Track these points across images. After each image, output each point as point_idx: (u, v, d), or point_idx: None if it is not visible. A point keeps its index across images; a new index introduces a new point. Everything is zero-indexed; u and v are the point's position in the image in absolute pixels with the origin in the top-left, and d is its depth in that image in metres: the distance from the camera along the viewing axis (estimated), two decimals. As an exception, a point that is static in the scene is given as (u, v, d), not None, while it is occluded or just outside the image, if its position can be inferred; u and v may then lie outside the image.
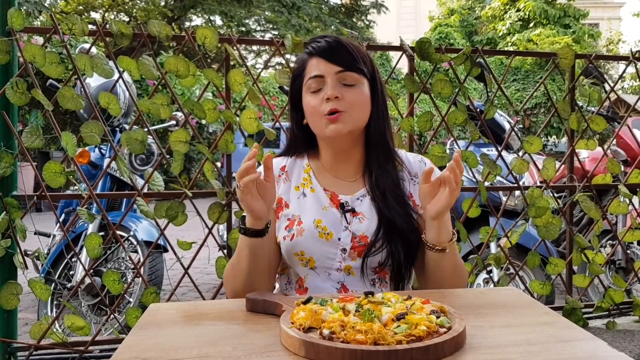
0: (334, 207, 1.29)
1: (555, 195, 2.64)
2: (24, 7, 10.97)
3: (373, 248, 1.23)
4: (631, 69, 2.74)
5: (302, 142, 1.36)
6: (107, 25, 2.13)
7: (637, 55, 2.73)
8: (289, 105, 1.36)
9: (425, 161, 1.36)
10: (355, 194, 1.30)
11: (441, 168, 1.38)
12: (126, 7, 15.64)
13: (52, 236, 3.39)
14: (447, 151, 2.58)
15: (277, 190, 1.32)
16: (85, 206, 2.18)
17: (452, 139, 2.71)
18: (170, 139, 2.15)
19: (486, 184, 2.50)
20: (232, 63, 2.29)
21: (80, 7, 15.02)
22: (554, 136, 14.10)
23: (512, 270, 2.64)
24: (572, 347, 0.82)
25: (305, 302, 0.92)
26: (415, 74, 2.45)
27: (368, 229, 1.26)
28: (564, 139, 11.72)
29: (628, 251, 3.02)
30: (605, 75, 2.80)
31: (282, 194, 1.33)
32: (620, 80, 2.86)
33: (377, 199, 1.27)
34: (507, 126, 3.16)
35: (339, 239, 1.25)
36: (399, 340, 0.77)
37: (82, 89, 2.18)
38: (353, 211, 1.28)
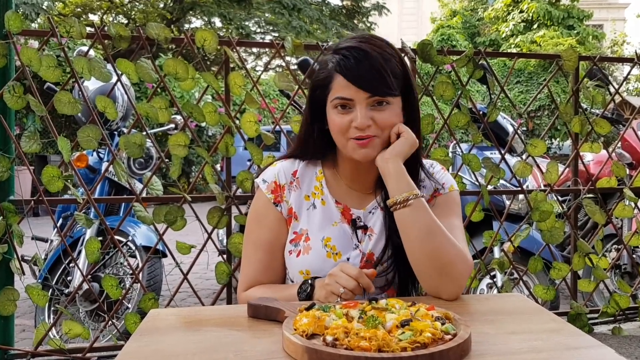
0: (345, 223, 1.24)
1: (560, 199, 2.64)
2: (21, 10, 11.00)
3: (380, 267, 1.19)
4: (636, 71, 2.75)
5: (320, 148, 1.28)
6: (106, 28, 2.14)
7: (642, 57, 2.73)
8: (307, 111, 1.26)
9: (434, 165, 1.32)
10: (367, 207, 1.25)
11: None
12: (124, 9, 15.68)
13: (49, 241, 3.39)
14: (450, 154, 2.58)
15: (288, 199, 1.26)
16: (83, 211, 2.18)
17: (454, 142, 2.71)
18: (169, 142, 2.15)
19: (489, 187, 2.50)
20: (231, 65, 2.29)
21: (78, 10, 15.07)
22: (558, 139, 14.11)
23: (516, 275, 2.63)
24: (579, 355, 0.82)
25: (308, 309, 0.92)
26: (417, 76, 2.45)
27: (375, 247, 1.22)
28: (568, 142, 11.71)
29: (633, 255, 3.01)
30: (609, 77, 2.81)
31: (292, 204, 1.26)
32: (625, 82, 2.86)
33: (389, 222, 1.20)
34: (510, 129, 3.16)
35: (348, 259, 1.21)
36: (404, 347, 0.77)
37: (80, 93, 2.18)
38: (365, 228, 1.23)
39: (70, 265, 2.79)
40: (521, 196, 2.80)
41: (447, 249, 1.12)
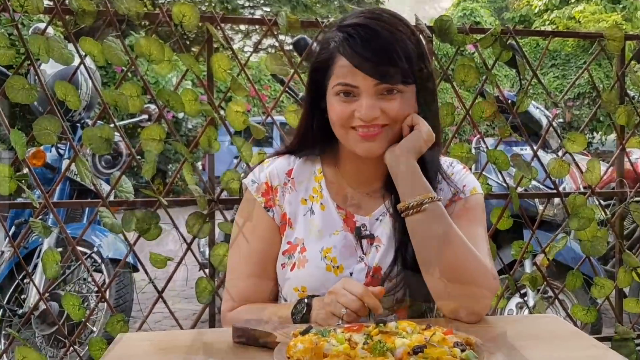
0: (348, 231, 1.24)
1: (602, 203, 2.64)
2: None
3: (388, 283, 1.20)
4: (692, 53, 2.74)
5: (319, 142, 1.28)
6: (67, 1, 2.14)
7: (699, 35, 2.74)
8: (306, 98, 1.27)
9: (454, 164, 1.32)
10: (373, 213, 1.26)
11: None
12: (89, -21, 15.67)
13: (0, 253, 3.39)
14: (473, 151, 2.58)
15: (282, 203, 1.27)
16: (40, 217, 2.18)
17: (478, 136, 2.72)
18: (142, 136, 2.15)
19: (519, 189, 2.50)
20: (215, 46, 2.29)
21: (35, -21, 15.06)
22: (601, 132, 14.12)
23: (550, 293, 2.63)
24: (624, 387, 0.82)
25: (304, 333, 0.92)
26: (434, 58, 2.45)
27: (383, 260, 1.22)
28: (613, 136, 11.70)
29: (690, 270, 3.01)
30: (661, 60, 2.81)
31: (286, 208, 1.27)
32: (679, 66, 2.86)
33: (400, 230, 1.20)
34: (544, 120, 3.17)
35: (351, 274, 1.21)
36: (417, 379, 0.77)
37: (36, 78, 2.18)
38: (371, 237, 1.24)
39: (25, 281, 2.79)
40: (557, 200, 2.80)
41: (468, 262, 1.12)
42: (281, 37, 2.38)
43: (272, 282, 1.27)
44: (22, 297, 2.80)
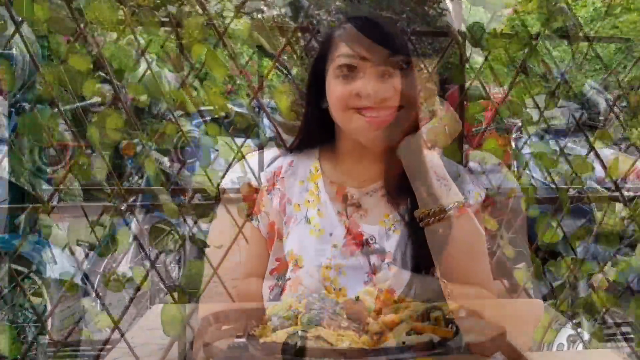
0: (353, 245, 1.25)
1: (676, 209, 2.64)
2: None
3: (403, 309, 1.20)
4: None
5: (318, 134, 1.30)
6: (-2, -47, 2.14)
7: None
8: (306, 87, 1.30)
9: (487, 159, 1.33)
10: (384, 222, 1.26)
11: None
12: None
13: None
14: (512, 143, 2.58)
15: (269, 210, 1.28)
16: (-35, 227, 2.18)
17: (518, 123, 2.71)
18: (93, 124, 2.15)
19: (571, 192, 2.49)
20: (186, 9, 2.29)
21: None
22: (674, 120, 14.14)
23: (611, 323, 2.63)
24: None
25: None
26: (463, 25, 2.45)
27: (395, 280, 1.21)
28: (689, 124, 11.70)
29: None
30: None
31: (274, 216, 1.28)
32: None
33: (418, 243, 1.21)
34: (602, 105, 3.16)
35: (357, 298, 1.18)
36: None
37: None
38: (381, 252, 1.24)
39: (-54, 307, 2.79)
40: (619, 206, 2.80)
41: (503, 284, 1.12)
42: (270, -2, 2.38)
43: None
44: (-57, 327, 2.81)
